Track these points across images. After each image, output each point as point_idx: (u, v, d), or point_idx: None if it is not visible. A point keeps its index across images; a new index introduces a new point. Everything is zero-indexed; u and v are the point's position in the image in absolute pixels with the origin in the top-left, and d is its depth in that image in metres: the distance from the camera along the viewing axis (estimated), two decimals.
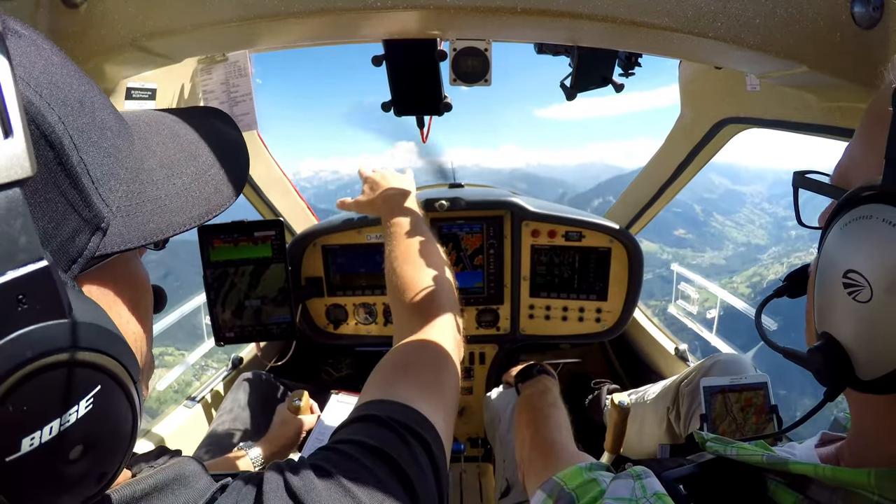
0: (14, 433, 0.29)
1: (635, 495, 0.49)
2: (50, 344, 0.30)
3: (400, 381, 0.64)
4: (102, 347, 0.33)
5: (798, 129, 1.07)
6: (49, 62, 0.36)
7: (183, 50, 0.89)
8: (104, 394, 0.34)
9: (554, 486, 0.67)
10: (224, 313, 1.21)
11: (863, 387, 0.40)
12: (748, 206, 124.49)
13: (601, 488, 0.57)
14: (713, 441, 0.57)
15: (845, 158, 0.48)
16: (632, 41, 0.84)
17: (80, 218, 0.35)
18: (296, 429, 1.38)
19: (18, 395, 0.29)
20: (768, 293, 0.61)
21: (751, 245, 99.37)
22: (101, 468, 0.35)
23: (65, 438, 0.31)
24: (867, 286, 0.38)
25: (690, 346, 1.92)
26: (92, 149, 0.36)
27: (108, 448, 0.35)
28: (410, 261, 0.90)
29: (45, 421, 0.30)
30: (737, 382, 1.12)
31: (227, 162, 0.49)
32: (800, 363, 0.47)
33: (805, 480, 0.45)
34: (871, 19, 0.66)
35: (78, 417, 0.32)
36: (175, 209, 0.42)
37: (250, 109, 1.30)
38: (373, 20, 0.74)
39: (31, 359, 0.29)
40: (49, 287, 0.30)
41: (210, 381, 1.87)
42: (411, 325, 0.79)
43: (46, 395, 0.30)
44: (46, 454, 0.31)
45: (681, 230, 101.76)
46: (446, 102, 1.13)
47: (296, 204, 2.06)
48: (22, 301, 0.29)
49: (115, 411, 0.35)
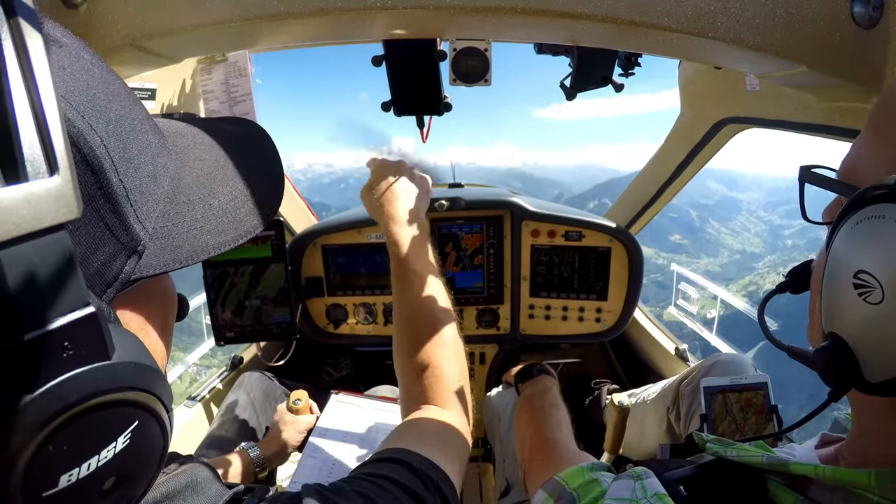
0: (53, 471, 0.29)
1: (636, 496, 0.48)
2: (94, 387, 0.30)
3: (435, 445, 0.67)
4: (142, 385, 0.33)
5: (798, 129, 1.07)
6: (91, 76, 0.34)
7: (183, 50, 0.89)
8: (141, 427, 0.33)
9: (555, 486, 0.66)
10: (224, 313, 1.21)
11: (869, 389, 0.40)
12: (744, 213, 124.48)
13: (602, 488, 0.57)
14: (713, 442, 0.56)
15: (853, 153, 0.47)
16: (632, 41, 0.84)
17: (118, 242, 0.34)
18: (296, 429, 1.38)
19: (61, 437, 0.29)
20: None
21: (746, 253, 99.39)
22: (131, 494, 0.35)
23: (101, 473, 0.31)
24: (878, 288, 0.37)
25: (690, 346, 1.92)
26: (132, 171, 0.35)
27: (140, 477, 0.35)
28: (417, 317, 0.86)
29: (84, 459, 0.30)
30: (737, 382, 1.12)
31: (264, 182, 0.47)
32: (805, 363, 0.47)
33: (805, 481, 0.45)
34: (871, 19, 0.66)
35: (115, 453, 0.32)
36: (210, 230, 0.41)
37: (250, 109, 1.30)
38: (373, 20, 0.74)
39: (75, 403, 0.29)
40: (94, 331, 0.29)
41: (210, 381, 1.87)
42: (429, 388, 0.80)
43: (88, 435, 0.30)
44: (82, 489, 0.31)
45: (677, 235, 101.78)
46: (446, 102, 1.13)
47: (296, 204, 2.06)
48: (68, 348, 0.28)
49: (150, 443, 0.35)
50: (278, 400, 1.61)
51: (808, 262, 0.55)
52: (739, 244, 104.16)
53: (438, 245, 1.83)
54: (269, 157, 0.51)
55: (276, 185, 0.50)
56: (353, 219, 1.81)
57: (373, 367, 2.30)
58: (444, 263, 1.85)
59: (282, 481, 1.46)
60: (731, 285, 57.64)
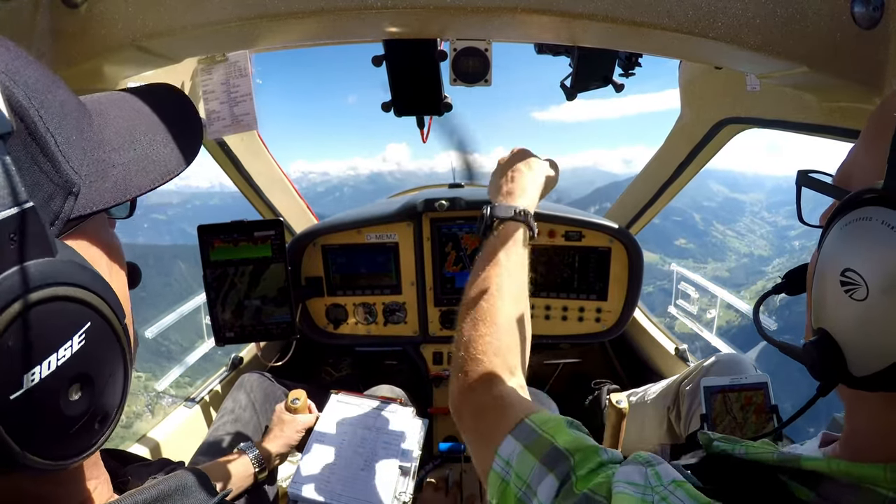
0: (15, 369, 0.32)
1: (650, 483, 0.47)
2: (41, 279, 0.33)
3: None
4: (88, 285, 0.37)
5: (798, 129, 1.07)
6: (11, 54, 0.39)
7: (183, 50, 0.89)
8: (94, 330, 0.37)
9: (532, 436, 0.58)
10: (224, 313, 1.21)
11: (855, 383, 0.41)
12: (748, 214, 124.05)
13: (600, 459, 0.52)
14: (720, 440, 0.56)
15: (849, 160, 0.49)
16: (632, 41, 0.84)
17: (53, 183, 0.38)
18: (294, 428, 1.38)
19: (16, 329, 0.32)
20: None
21: (753, 256, 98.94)
22: (102, 409, 0.38)
23: (63, 374, 0.34)
24: (864, 285, 0.39)
25: (691, 346, 1.92)
26: (56, 121, 0.39)
27: (104, 387, 0.38)
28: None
29: (43, 355, 0.33)
30: (737, 382, 1.12)
31: (182, 128, 0.52)
32: (795, 357, 0.49)
33: (817, 477, 0.45)
34: (871, 19, 0.66)
35: (73, 352, 0.35)
36: (136, 172, 0.45)
37: (250, 110, 1.30)
38: (373, 20, 0.74)
39: (25, 293, 0.32)
40: (36, 228, 0.34)
41: (209, 382, 1.87)
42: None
43: (42, 329, 0.33)
44: (48, 391, 0.33)
45: (682, 240, 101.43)
46: (446, 102, 1.13)
47: (296, 204, 2.06)
48: (13, 239, 0.32)
49: (107, 349, 0.38)
50: (278, 400, 1.60)
51: (805, 265, 0.56)
52: (746, 247, 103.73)
53: (438, 245, 1.83)
54: (183, 108, 0.56)
55: (192, 130, 0.55)
56: (353, 219, 1.81)
57: (373, 367, 2.30)
58: (443, 263, 1.85)
59: (282, 481, 1.46)
60: (744, 291, 57.23)
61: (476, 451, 0.69)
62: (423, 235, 1.81)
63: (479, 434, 0.70)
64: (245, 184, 1.83)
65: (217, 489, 0.49)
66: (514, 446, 0.59)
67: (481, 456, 0.66)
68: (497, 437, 0.62)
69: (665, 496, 0.45)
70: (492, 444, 0.62)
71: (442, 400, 2.00)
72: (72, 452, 0.37)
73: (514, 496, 0.55)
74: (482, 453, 0.65)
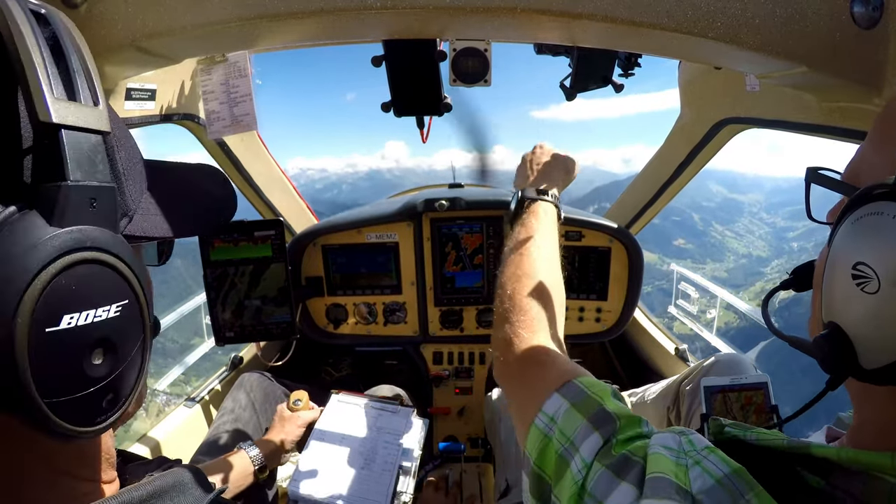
0: (59, 307, 0.35)
1: (683, 448, 0.48)
2: (105, 243, 0.38)
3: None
4: (136, 270, 0.41)
5: (798, 129, 1.07)
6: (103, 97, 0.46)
7: (183, 50, 0.89)
8: (129, 309, 0.41)
9: (581, 395, 0.58)
10: (224, 313, 1.21)
11: (865, 376, 0.42)
12: (746, 215, 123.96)
13: (641, 430, 0.53)
14: (732, 426, 0.56)
15: (857, 157, 0.50)
16: (632, 41, 0.84)
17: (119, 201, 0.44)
18: (295, 429, 1.38)
19: (71, 274, 0.36)
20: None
21: (752, 257, 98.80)
22: (114, 385, 0.40)
23: (94, 331, 0.37)
24: (875, 278, 0.39)
25: (691, 346, 1.92)
26: (127, 158, 0.48)
27: (122, 365, 0.40)
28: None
29: (85, 306, 0.37)
30: (737, 382, 1.12)
31: (216, 201, 0.65)
32: (804, 351, 0.49)
33: (826, 464, 0.46)
34: (871, 19, 0.66)
35: (108, 317, 0.38)
36: (173, 223, 0.54)
37: (250, 110, 1.30)
38: (372, 20, 0.74)
39: (89, 248, 0.37)
40: (112, 204, 0.40)
41: (210, 382, 1.87)
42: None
43: (90, 284, 0.37)
44: (77, 340, 0.36)
45: (681, 240, 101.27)
46: (446, 103, 1.13)
47: (296, 204, 2.06)
48: (94, 204, 0.38)
49: (134, 332, 0.42)
50: (278, 400, 1.61)
51: (812, 261, 0.57)
52: (745, 248, 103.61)
53: (439, 245, 1.83)
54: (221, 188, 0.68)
55: (226, 207, 0.67)
56: (353, 219, 1.81)
57: (373, 367, 2.30)
58: (443, 263, 1.85)
59: (282, 481, 1.46)
60: (742, 292, 57.20)
61: (518, 403, 0.68)
62: (424, 235, 1.81)
63: (523, 385, 0.69)
64: (245, 184, 1.83)
65: (214, 487, 0.49)
66: (560, 403, 0.59)
67: (523, 409, 0.65)
68: (543, 393, 0.61)
69: (698, 460, 0.46)
70: (537, 398, 0.61)
71: (442, 400, 2.00)
72: (76, 419, 0.37)
73: (556, 451, 0.55)
74: (525, 406, 0.65)
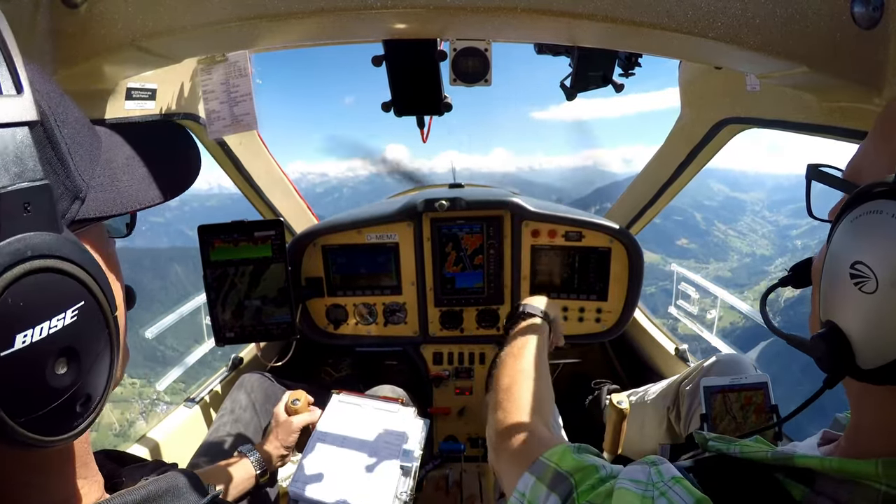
0: (10, 327, 0.33)
1: (651, 479, 0.49)
2: (47, 249, 0.35)
3: None
4: (87, 266, 0.39)
5: (798, 129, 1.07)
6: (31, 68, 0.42)
7: (183, 50, 0.89)
8: (87, 311, 0.38)
9: (543, 468, 0.65)
10: (224, 313, 1.21)
11: (862, 375, 0.41)
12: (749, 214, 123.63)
13: (600, 475, 0.56)
14: (715, 440, 0.57)
15: (859, 155, 0.49)
16: (632, 41, 0.84)
17: (62, 185, 0.41)
18: (295, 430, 1.38)
19: (16, 290, 0.33)
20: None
21: (756, 256, 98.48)
22: (84, 390, 0.39)
23: (52, 343, 0.35)
24: (873, 278, 0.39)
25: (691, 346, 1.92)
26: (70, 132, 0.43)
27: (88, 369, 0.39)
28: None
29: (37, 320, 0.34)
30: (737, 382, 1.12)
31: (182, 161, 0.58)
32: (802, 349, 0.49)
33: (811, 474, 0.45)
34: (871, 19, 0.66)
35: (64, 325, 0.36)
36: (138, 191, 0.50)
37: (250, 110, 1.30)
38: (373, 20, 0.74)
39: (31, 258, 0.34)
40: (49, 203, 0.37)
41: (209, 382, 1.87)
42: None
43: (40, 295, 0.35)
44: (36, 357, 0.34)
45: (683, 240, 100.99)
46: (446, 102, 1.13)
47: (296, 204, 2.06)
48: (27, 209, 0.35)
49: (96, 333, 0.40)
50: (279, 400, 1.60)
51: (810, 258, 0.57)
52: (748, 247, 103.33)
53: (439, 245, 1.83)
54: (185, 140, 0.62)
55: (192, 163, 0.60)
56: (353, 219, 1.81)
57: (373, 367, 2.30)
58: (443, 264, 1.85)
59: (282, 481, 1.46)
60: (747, 292, 57.08)
61: (504, 484, 0.80)
62: (424, 235, 1.81)
63: (504, 473, 0.82)
64: (245, 184, 1.83)
65: (209, 491, 0.49)
66: (528, 480, 0.66)
67: (506, 487, 0.76)
68: (516, 476, 0.69)
69: (664, 491, 0.46)
70: (514, 479, 0.70)
71: (442, 400, 2.00)
72: (52, 430, 0.37)
73: None
74: (507, 487, 0.75)
